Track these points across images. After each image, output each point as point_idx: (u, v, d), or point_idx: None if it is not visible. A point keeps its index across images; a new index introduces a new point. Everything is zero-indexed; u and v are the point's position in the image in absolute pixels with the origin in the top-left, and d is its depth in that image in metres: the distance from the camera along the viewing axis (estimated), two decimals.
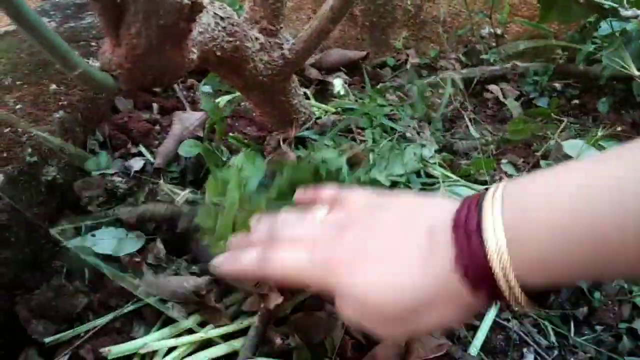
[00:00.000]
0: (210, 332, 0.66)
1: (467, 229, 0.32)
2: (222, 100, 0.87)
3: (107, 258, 0.67)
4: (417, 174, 0.76)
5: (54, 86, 0.76)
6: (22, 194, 0.63)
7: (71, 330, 0.64)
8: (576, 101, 1.18)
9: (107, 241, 0.66)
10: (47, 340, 0.62)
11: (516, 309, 0.34)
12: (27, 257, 0.65)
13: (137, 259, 0.67)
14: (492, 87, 1.21)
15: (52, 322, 0.63)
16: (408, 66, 1.22)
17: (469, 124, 0.95)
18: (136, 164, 0.79)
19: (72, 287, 0.65)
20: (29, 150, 0.65)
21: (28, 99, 0.72)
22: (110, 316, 0.65)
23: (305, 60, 0.74)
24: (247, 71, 0.66)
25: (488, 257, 0.31)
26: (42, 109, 0.70)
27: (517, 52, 1.27)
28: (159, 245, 0.68)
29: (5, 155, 0.63)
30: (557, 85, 1.20)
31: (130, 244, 0.69)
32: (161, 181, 0.80)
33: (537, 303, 0.34)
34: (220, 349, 0.65)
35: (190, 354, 0.64)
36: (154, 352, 0.62)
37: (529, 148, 0.99)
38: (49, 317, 0.63)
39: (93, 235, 0.69)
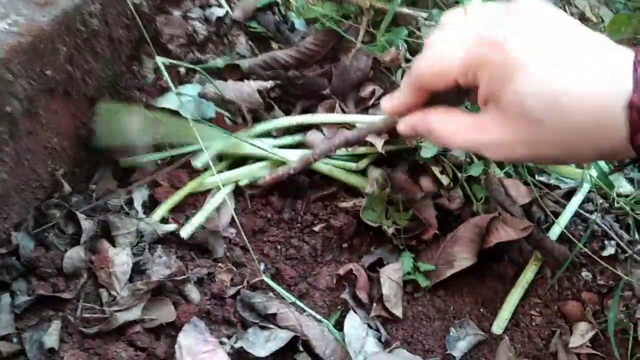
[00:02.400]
0: None
1: None
2: None
3: None
4: None
5: None
6: (111, 8, 0.60)
7: (147, 155, 0.62)
8: None
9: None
10: (122, 161, 0.61)
11: None
12: (109, 78, 0.63)
13: None
14: (579, 2, 1.13)
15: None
16: None
17: None
18: (218, 11, 0.75)
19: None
20: None
21: None
22: (189, 148, 0.63)
23: None
24: None
25: None
26: None
27: None
28: None
29: None
30: None
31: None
32: (241, 34, 0.77)
33: None
34: None
35: None
36: None
37: None
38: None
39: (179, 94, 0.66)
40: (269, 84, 0.62)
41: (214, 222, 0.57)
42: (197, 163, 0.60)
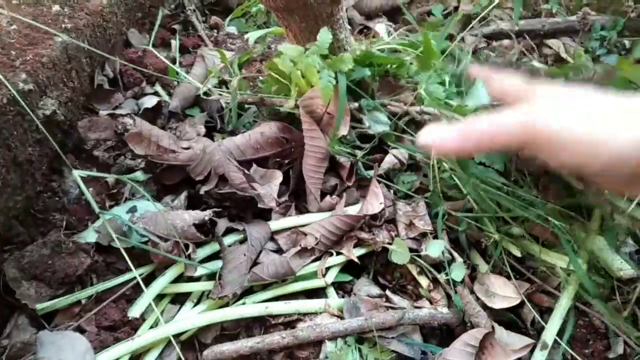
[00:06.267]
0: None
1: None
2: (252, 36, 0.74)
3: None
4: None
5: (56, 7, 0.64)
6: (14, 129, 0.51)
7: (70, 296, 0.52)
8: None
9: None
10: (38, 306, 0.51)
11: None
12: (19, 205, 0.54)
13: None
14: (552, 42, 1.06)
15: (47, 285, 0.52)
16: (458, 15, 1.08)
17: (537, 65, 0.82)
18: (148, 101, 0.67)
19: (73, 244, 0.53)
20: (23, 76, 0.53)
21: (25, 20, 0.59)
22: (118, 280, 0.54)
23: None
24: None
25: None
26: (41, 32, 0.58)
27: (580, 3, 1.12)
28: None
29: None
30: (627, 42, 1.05)
31: None
32: (185, 124, 0.68)
33: None
34: None
35: None
36: None
37: None
38: (43, 279, 0.52)
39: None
40: (207, 214, 0.53)
41: None
42: (134, 313, 0.51)
